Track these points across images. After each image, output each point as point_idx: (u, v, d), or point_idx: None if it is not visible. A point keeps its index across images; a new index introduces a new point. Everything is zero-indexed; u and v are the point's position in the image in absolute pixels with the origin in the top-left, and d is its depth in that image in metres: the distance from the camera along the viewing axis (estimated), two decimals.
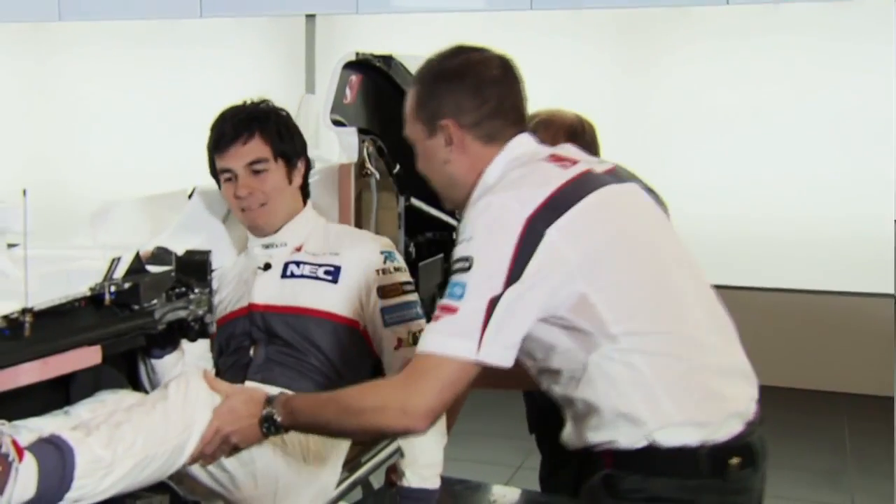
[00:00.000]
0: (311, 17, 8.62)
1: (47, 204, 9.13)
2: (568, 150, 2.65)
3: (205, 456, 2.71)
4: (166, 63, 9.29)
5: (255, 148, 3.36)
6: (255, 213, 3.39)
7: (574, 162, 2.54)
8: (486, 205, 2.41)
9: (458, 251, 2.39)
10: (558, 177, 2.45)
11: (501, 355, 2.37)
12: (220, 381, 2.84)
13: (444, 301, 2.37)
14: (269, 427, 2.64)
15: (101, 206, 3.70)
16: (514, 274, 2.32)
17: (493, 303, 2.32)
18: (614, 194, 2.53)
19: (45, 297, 2.66)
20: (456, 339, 2.34)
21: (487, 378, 3.21)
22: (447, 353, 2.35)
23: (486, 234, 2.36)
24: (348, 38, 8.52)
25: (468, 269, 2.35)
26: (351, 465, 3.48)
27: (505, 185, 2.47)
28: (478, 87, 2.57)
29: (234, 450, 2.73)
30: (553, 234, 2.34)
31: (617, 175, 2.62)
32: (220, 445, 2.70)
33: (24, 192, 2.56)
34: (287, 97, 4.09)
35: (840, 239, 7.58)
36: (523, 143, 2.62)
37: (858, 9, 7.46)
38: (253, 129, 3.37)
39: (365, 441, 3.63)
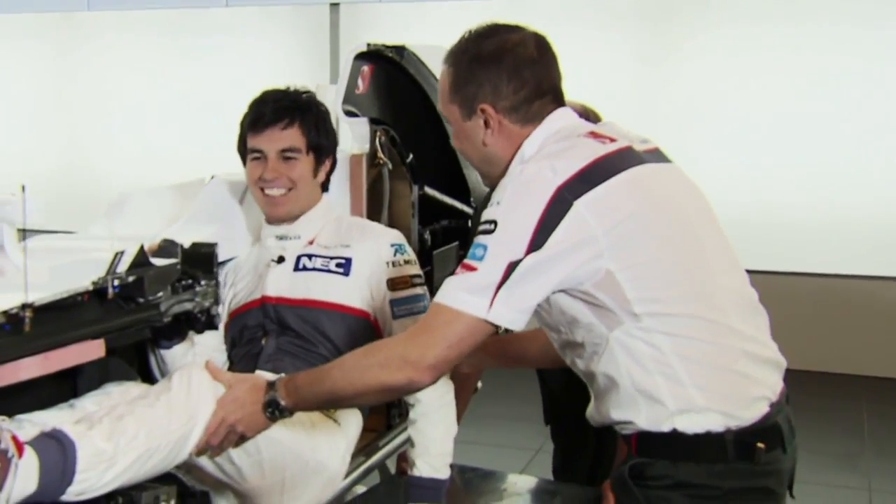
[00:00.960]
0: (335, 6, 8.57)
1: (76, 190, 9.19)
2: (608, 127, 2.58)
3: (212, 447, 2.66)
4: (192, 51, 9.24)
5: (292, 136, 3.34)
6: (276, 199, 3.35)
7: (613, 139, 2.47)
8: (519, 171, 2.38)
9: (486, 214, 2.35)
10: (596, 150, 2.40)
11: (512, 318, 2.33)
12: (223, 371, 2.79)
13: (466, 260, 2.34)
14: (274, 411, 2.58)
15: (117, 197, 3.67)
16: (538, 241, 2.28)
17: (512, 266, 2.28)
18: (651, 173, 2.47)
19: (56, 289, 2.64)
20: (469, 295, 2.30)
21: (502, 357, 3.18)
22: (458, 307, 2.31)
23: (514, 199, 2.33)
24: (372, 27, 8.46)
25: (492, 231, 2.31)
26: (362, 453, 3.45)
27: (542, 155, 2.42)
28: (515, 71, 2.50)
29: (242, 439, 2.68)
30: (581, 206, 2.29)
31: (657, 155, 2.57)
32: (227, 435, 2.64)
33: (24, 187, 2.51)
34: (311, 86, 4.05)
35: (860, 223, 7.47)
36: (563, 117, 2.56)
37: None
38: (294, 118, 3.35)
39: (376, 428, 3.60)
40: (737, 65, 7.59)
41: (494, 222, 2.32)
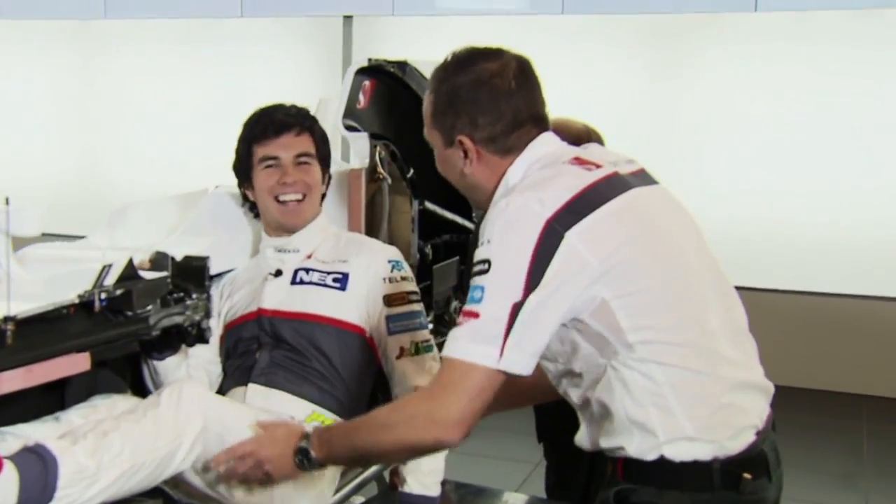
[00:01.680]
0: (348, 19, 8.51)
1: (91, 196, 9.18)
2: (592, 152, 2.51)
3: (234, 474, 2.64)
4: (208, 61, 9.21)
5: (305, 142, 3.35)
6: (290, 206, 3.32)
7: (598, 165, 2.40)
8: (505, 205, 2.28)
9: (478, 253, 2.27)
10: (582, 179, 2.33)
11: (523, 363, 2.24)
12: (268, 421, 2.77)
13: (466, 306, 2.26)
14: (303, 461, 2.53)
15: (119, 206, 3.62)
16: (534, 277, 2.20)
17: (516, 309, 2.20)
18: (639, 198, 2.40)
19: (50, 299, 2.60)
20: (478, 345, 2.22)
21: (498, 403, 3.11)
22: (469, 359, 2.23)
23: (504, 236, 2.24)
24: (385, 40, 8.42)
25: (487, 271, 2.23)
26: (351, 471, 3.35)
27: (527, 185, 2.35)
28: (493, 103, 2.43)
29: (267, 477, 2.64)
30: (573, 237, 2.21)
31: (644, 177, 2.50)
32: (253, 469, 2.62)
33: (7, 199, 2.46)
34: (317, 98, 4.00)
35: (866, 243, 7.41)
36: (546, 143, 2.48)
37: (886, 18, 7.28)
38: (305, 125, 3.36)
39: None
40: (743, 84, 7.54)
41: (488, 262, 2.24)
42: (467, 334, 2.24)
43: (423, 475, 3.07)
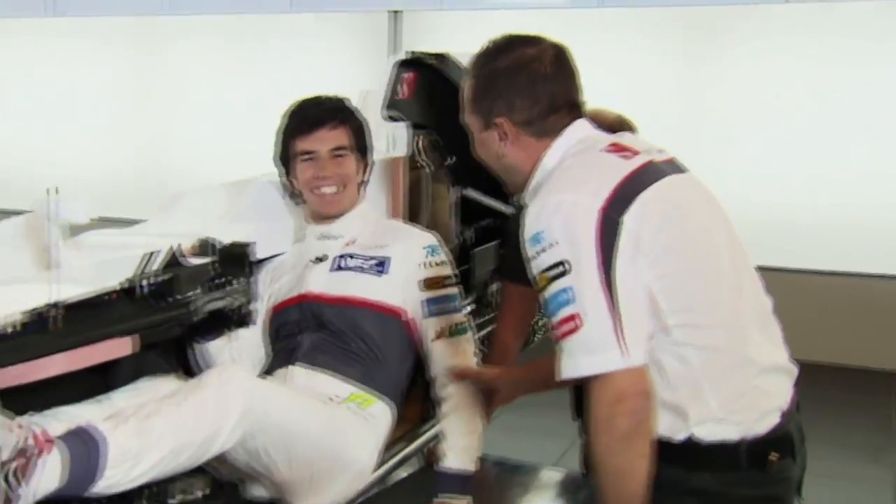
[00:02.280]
0: (396, 13, 8.48)
1: (152, 184, 9.21)
2: (627, 138, 2.48)
3: None
4: (259, 55, 9.19)
5: (340, 135, 3.32)
6: (327, 198, 3.32)
7: (635, 153, 2.37)
8: (556, 205, 2.22)
9: (548, 258, 2.19)
10: (622, 168, 2.29)
11: (644, 352, 2.17)
12: None
13: (561, 310, 2.17)
14: None
15: (171, 195, 3.60)
16: (606, 264, 2.15)
17: (610, 302, 2.14)
18: (674, 185, 2.36)
19: (100, 284, 2.61)
20: (596, 355, 2.15)
21: (534, 383, 3.04)
22: (596, 370, 2.14)
23: (571, 235, 2.19)
24: (433, 34, 8.35)
25: (568, 272, 2.16)
26: (402, 440, 3.38)
27: (569, 177, 2.31)
28: (531, 86, 2.40)
29: None
30: (628, 221, 2.19)
31: (674, 166, 2.46)
32: None
33: (56, 189, 2.45)
34: (357, 91, 3.94)
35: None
36: (581, 129, 2.45)
37: None
38: (341, 119, 3.34)
39: (413, 419, 3.50)
40: (775, 75, 7.45)
41: (565, 262, 2.17)
42: (580, 348, 2.16)
43: (461, 451, 3.05)
